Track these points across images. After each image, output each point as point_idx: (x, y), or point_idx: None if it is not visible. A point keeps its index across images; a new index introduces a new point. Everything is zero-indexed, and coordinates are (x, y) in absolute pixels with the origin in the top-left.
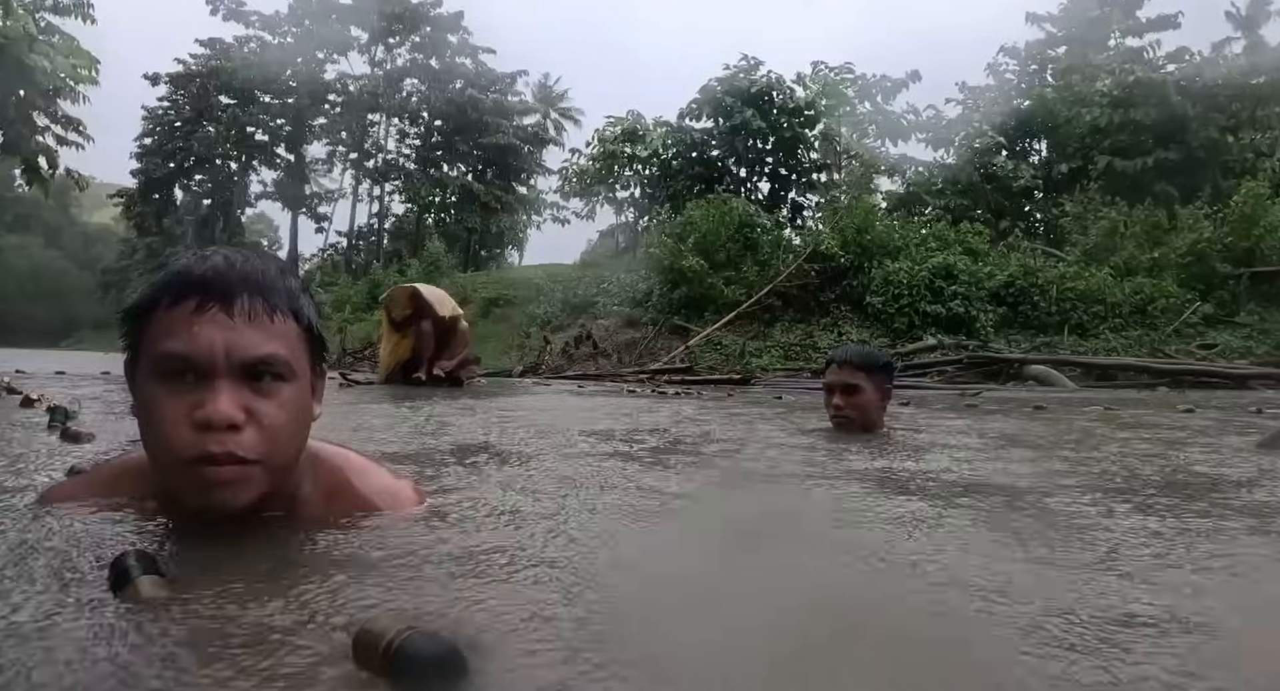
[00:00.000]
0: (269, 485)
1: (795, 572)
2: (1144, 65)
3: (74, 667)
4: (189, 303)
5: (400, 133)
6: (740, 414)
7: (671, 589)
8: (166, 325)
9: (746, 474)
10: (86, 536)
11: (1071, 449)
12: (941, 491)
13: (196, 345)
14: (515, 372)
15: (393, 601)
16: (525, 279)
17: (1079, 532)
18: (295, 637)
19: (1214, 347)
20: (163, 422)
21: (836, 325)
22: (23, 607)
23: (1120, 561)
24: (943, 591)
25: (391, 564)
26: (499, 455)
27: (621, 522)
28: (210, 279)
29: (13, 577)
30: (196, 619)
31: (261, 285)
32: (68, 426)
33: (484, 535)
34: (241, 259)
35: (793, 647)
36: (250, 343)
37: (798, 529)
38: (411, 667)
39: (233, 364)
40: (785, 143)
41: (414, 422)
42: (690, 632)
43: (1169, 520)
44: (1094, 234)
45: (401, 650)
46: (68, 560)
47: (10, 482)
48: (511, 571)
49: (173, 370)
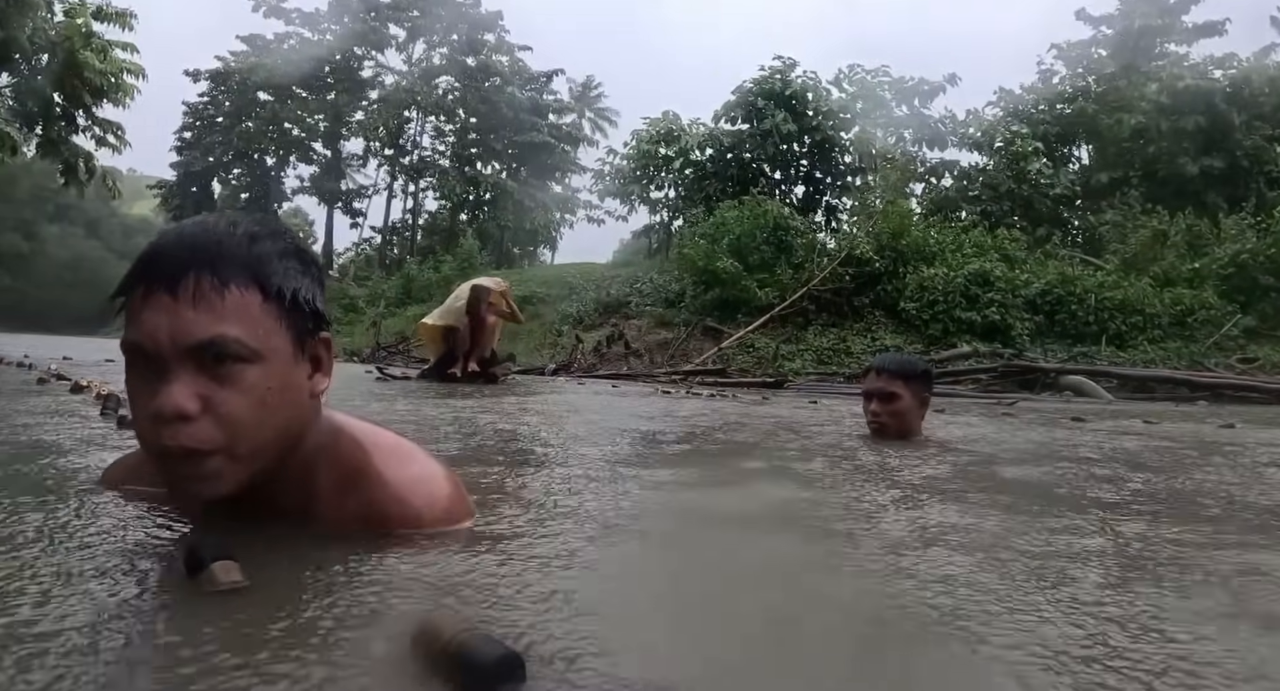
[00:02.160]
0: (246, 473)
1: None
2: (1192, 71)
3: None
4: (139, 287)
5: (436, 129)
6: (783, 417)
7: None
8: (130, 313)
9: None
10: (148, 520)
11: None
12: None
13: (143, 333)
14: (548, 371)
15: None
16: (558, 277)
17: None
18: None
19: (1255, 362)
20: (134, 414)
21: (870, 330)
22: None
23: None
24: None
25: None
26: (548, 455)
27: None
28: (156, 259)
29: (107, 562)
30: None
31: (213, 258)
32: (122, 413)
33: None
34: (200, 230)
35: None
36: (193, 325)
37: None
38: (472, 668)
39: (178, 350)
40: (819, 146)
41: (463, 418)
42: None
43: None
44: (1134, 242)
45: (463, 649)
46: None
47: (77, 462)
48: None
49: (133, 361)
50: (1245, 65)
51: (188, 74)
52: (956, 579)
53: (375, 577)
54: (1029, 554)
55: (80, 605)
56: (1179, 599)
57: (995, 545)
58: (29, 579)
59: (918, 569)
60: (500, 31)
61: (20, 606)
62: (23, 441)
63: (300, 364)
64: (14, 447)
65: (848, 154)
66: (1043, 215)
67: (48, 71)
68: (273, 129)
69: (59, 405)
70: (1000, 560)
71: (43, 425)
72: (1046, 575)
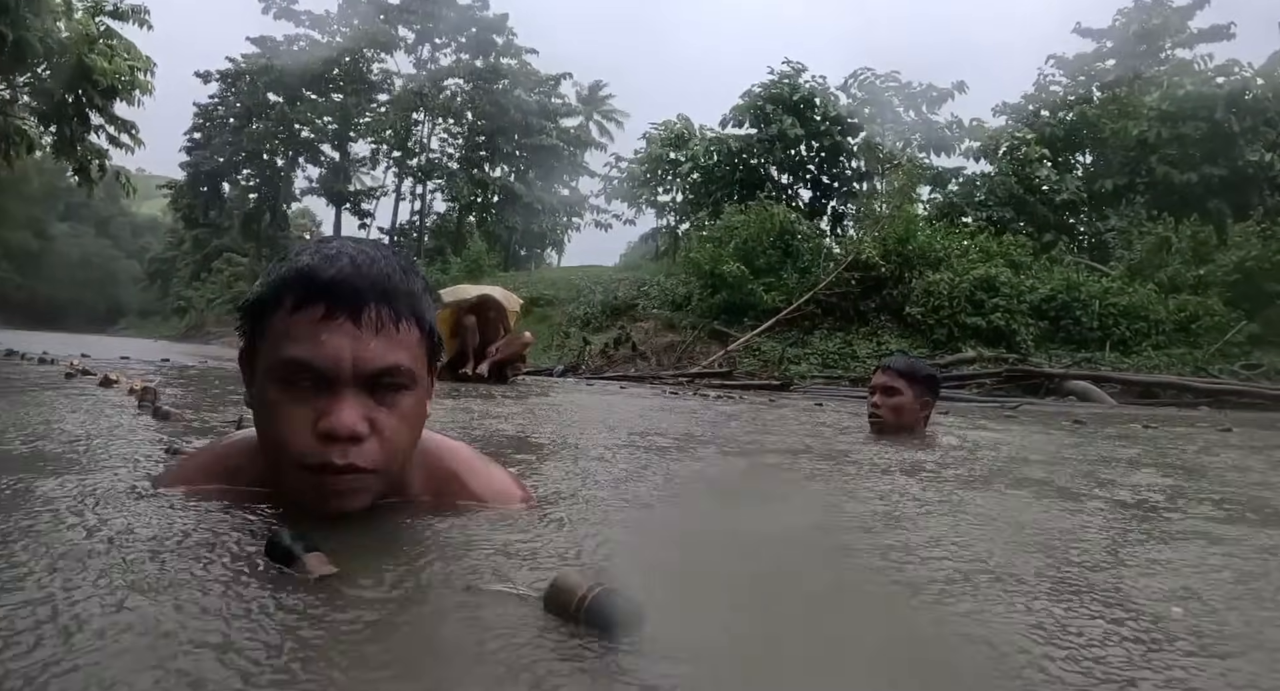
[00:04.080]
0: (385, 486)
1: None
2: (1194, 77)
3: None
4: (316, 308)
5: (444, 131)
6: (790, 418)
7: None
8: (292, 329)
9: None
10: (228, 521)
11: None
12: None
13: (323, 355)
14: (556, 372)
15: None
16: (565, 279)
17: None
18: (467, 597)
19: (1259, 368)
20: (284, 427)
21: (876, 334)
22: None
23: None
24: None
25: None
26: (576, 451)
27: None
28: (339, 284)
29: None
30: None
31: (388, 291)
32: (158, 406)
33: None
34: (368, 261)
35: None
36: (376, 354)
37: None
38: (602, 620)
39: (358, 374)
40: (827, 150)
41: (489, 418)
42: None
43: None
44: (1139, 249)
45: (595, 603)
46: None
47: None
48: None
49: (296, 376)
50: (1249, 72)
51: (198, 75)
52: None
53: (465, 550)
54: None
55: (217, 601)
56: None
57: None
58: (157, 574)
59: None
60: (509, 34)
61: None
62: (78, 434)
63: (428, 388)
64: (69, 441)
65: (855, 159)
66: (1048, 221)
67: (60, 71)
68: (282, 130)
69: (100, 401)
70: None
71: (96, 419)
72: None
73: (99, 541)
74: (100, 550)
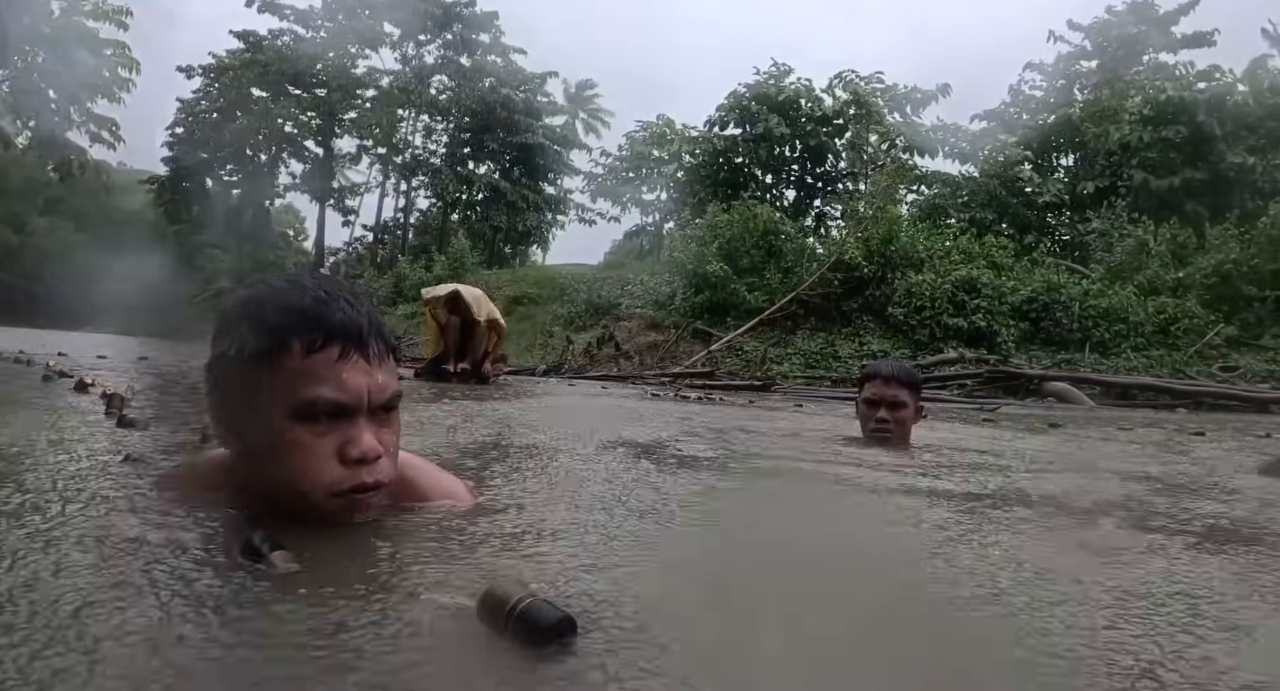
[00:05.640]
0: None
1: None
2: (1176, 82)
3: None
4: (331, 349)
5: (428, 129)
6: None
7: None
8: (308, 370)
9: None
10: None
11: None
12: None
13: (347, 391)
14: (539, 371)
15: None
16: (549, 278)
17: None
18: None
19: (1236, 370)
20: (311, 459)
21: (858, 335)
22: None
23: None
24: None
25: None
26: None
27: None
28: (347, 326)
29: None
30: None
31: (377, 327)
32: (123, 414)
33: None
34: (349, 298)
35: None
36: (384, 384)
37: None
38: (532, 630)
39: (372, 404)
40: (811, 150)
41: (460, 418)
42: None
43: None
44: (1119, 251)
45: (525, 614)
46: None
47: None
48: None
49: (317, 412)
50: (1230, 78)
51: (181, 70)
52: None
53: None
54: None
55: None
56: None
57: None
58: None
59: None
60: (496, 32)
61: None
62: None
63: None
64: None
65: (840, 159)
66: (1030, 223)
67: (42, 68)
68: (265, 125)
69: (69, 406)
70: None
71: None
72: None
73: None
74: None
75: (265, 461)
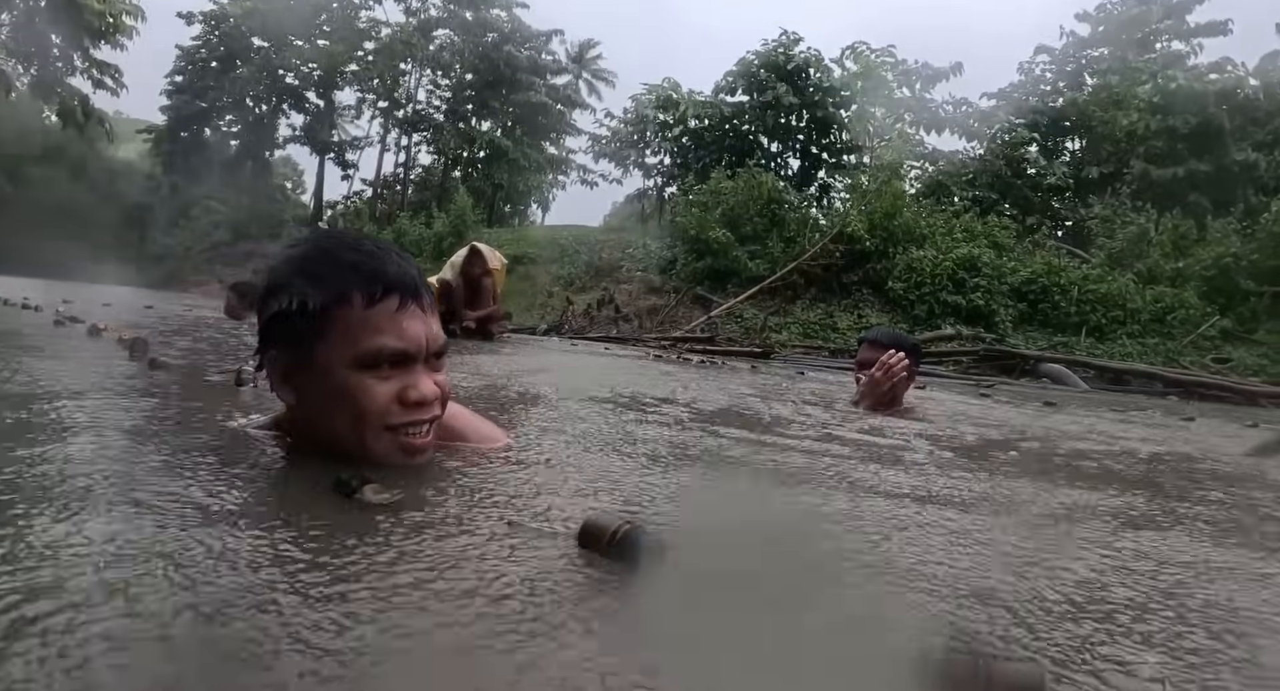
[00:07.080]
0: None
1: None
2: (1187, 72)
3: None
4: (391, 301)
5: (432, 83)
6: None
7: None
8: (372, 321)
9: None
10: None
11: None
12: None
13: (408, 339)
14: (540, 331)
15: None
16: (549, 238)
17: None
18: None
19: (1228, 362)
20: (374, 404)
21: (857, 307)
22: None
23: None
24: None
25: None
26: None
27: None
28: (403, 278)
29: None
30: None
31: (423, 279)
32: (153, 357)
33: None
34: (398, 254)
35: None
36: (437, 333)
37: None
38: (631, 551)
39: (429, 351)
40: (819, 121)
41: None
42: None
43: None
44: (1120, 238)
45: (626, 537)
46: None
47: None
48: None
49: (379, 360)
50: (1240, 70)
51: (181, 16)
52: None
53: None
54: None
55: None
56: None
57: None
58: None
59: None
60: None
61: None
62: None
63: None
64: None
65: (846, 132)
66: (1032, 205)
67: (45, 11)
68: (266, 76)
69: (94, 351)
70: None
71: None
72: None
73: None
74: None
75: (324, 412)
